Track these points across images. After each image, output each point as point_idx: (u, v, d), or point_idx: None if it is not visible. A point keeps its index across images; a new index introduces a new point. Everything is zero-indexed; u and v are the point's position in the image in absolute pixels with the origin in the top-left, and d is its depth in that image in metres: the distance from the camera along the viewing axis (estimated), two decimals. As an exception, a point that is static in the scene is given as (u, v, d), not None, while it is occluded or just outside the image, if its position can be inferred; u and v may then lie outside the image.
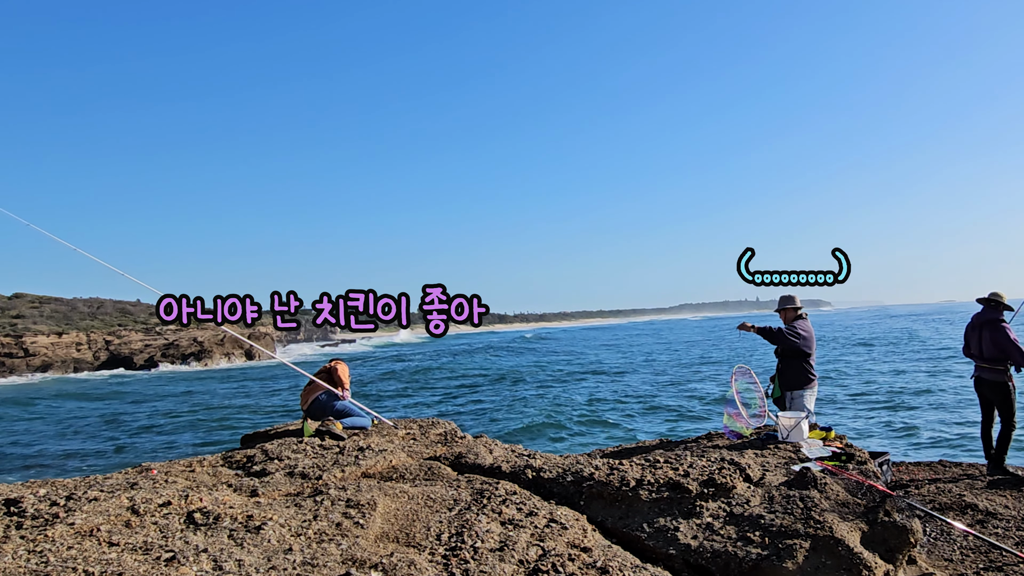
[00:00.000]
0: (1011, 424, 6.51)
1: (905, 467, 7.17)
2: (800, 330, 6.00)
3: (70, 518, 3.43)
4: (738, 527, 3.77)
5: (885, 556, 3.58)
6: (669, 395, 23.23)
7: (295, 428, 6.68)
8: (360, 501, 3.92)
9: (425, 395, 29.08)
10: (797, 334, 5.97)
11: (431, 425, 6.65)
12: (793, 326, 6.04)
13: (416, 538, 3.53)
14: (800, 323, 6.09)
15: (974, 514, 5.47)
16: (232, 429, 21.51)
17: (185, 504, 3.71)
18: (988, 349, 6.58)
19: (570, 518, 3.83)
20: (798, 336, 5.96)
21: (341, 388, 6.39)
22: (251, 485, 4.46)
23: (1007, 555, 4.59)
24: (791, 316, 6.19)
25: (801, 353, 6.03)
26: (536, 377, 33.71)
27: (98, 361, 54.76)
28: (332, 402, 6.28)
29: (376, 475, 4.80)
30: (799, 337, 5.96)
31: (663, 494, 4.11)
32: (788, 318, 6.20)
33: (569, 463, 4.79)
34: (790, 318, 6.18)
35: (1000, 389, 6.52)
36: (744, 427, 5.90)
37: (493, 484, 4.33)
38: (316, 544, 3.34)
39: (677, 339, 71.33)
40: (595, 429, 17.44)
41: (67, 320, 57.54)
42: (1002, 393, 6.52)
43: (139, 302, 65.48)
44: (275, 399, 29.93)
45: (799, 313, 6.21)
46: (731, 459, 4.56)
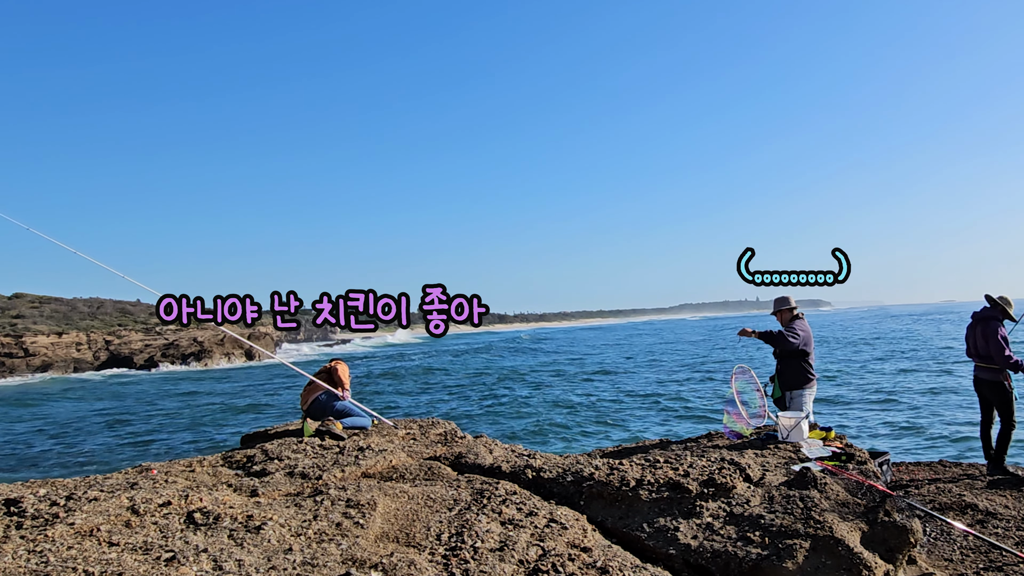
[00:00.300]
0: (1010, 424, 6.51)
1: (905, 467, 7.17)
2: (799, 330, 6.06)
3: (70, 518, 3.43)
4: (738, 527, 3.77)
5: (885, 556, 3.58)
6: (669, 395, 23.23)
7: (295, 428, 6.68)
8: (360, 501, 3.92)
9: (425, 395, 29.09)
10: (796, 334, 6.01)
11: (431, 425, 6.65)
12: (792, 327, 6.09)
13: (416, 538, 3.53)
14: (798, 323, 6.14)
15: (974, 514, 5.47)
16: (232, 429, 21.51)
17: (185, 504, 3.71)
18: (982, 347, 6.57)
19: (570, 518, 3.83)
20: (796, 336, 6.01)
21: (341, 388, 6.40)
22: (251, 485, 4.46)
23: (1007, 555, 4.59)
24: (788, 317, 6.25)
25: (800, 353, 6.07)
26: (537, 377, 33.72)
27: (98, 361, 54.75)
28: (332, 402, 6.28)
29: (376, 475, 4.80)
30: (797, 337, 6.01)
31: (663, 494, 4.11)
32: (785, 319, 6.26)
33: (569, 463, 4.79)
34: (787, 319, 6.24)
35: (997, 389, 6.52)
36: (744, 427, 5.90)
37: (493, 484, 4.33)
38: (316, 544, 3.34)
39: (677, 339, 71.34)
40: (595, 429, 17.43)
41: (67, 320, 57.53)
42: (999, 393, 6.51)
43: (139, 302, 65.49)
44: (275, 399, 29.92)
45: (795, 313, 6.26)
46: (731, 459, 4.56)
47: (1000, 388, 6.49)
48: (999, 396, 6.51)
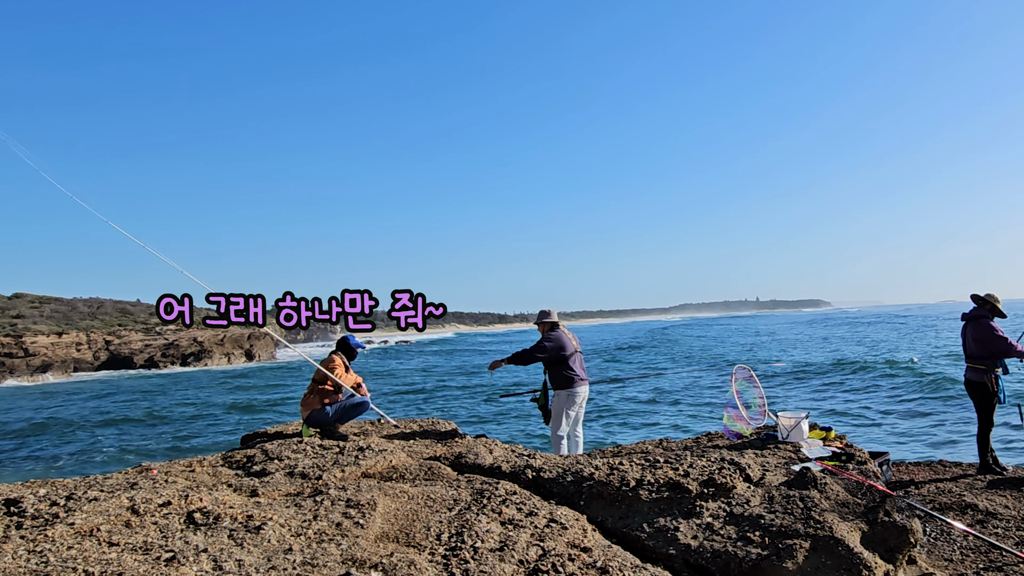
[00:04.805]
0: (985, 425, 6.55)
1: (905, 467, 7.17)
2: (548, 341, 6.59)
3: (70, 518, 3.43)
4: (738, 527, 3.77)
5: (885, 556, 3.58)
6: (669, 395, 23.23)
7: (295, 428, 6.68)
8: (360, 501, 3.92)
9: (425, 395, 29.10)
10: (543, 347, 6.57)
11: (431, 425, 6.65)
12: (548, 336, 6.63)
13: (416, 538, 3.53)
14: (552, 334, 6.66)
15: (974, 514, 5.46)
16: (232, 429, 21.52)
17: (185, 504, 3.71)
18: (971, 346, 6.57)
19: (570, 518, 3.83)
20: (543, 349, 6.56)
21: (339, 388, 6.37)
22: (251, 485, 4.46)
23: (1007, 555, 4.59)
24: (546, 328, 6.74)
25: (559, 359, 6.58)
26: (538, 378, 33.68)
27: (98, 361, 54.75)
28: (327, 410, 6.25)
29: (376, 475, 4.80)
30: (544, 350, 6.56)
31: (663, 494, 4.11)
32: (544, 331, 6.76)
33: (569, 463, 4.79)
34: (546, 330, 6.74)
35: (979, 389, 6.51)
36: (744, 427, 5.90)
37: (493, 484, 4.33)
38: (316, 544, 3.34)
39: (677, 339, 71.35)
40: (595, 429, 17.43)
41: (67, 320, 57.54)
42: (980, 393, 6.51)
43: (139, 302, 65.54)
44: (275, 399, 29.94)
45: (553, 325, 6.75)
46: (731, 459, 4.56)
47: (983, 389, 6.49)
48: (979, 396, 6.53)
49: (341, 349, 6.62)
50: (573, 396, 6.63)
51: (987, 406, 6.50)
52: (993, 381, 6.44)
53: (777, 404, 18.49)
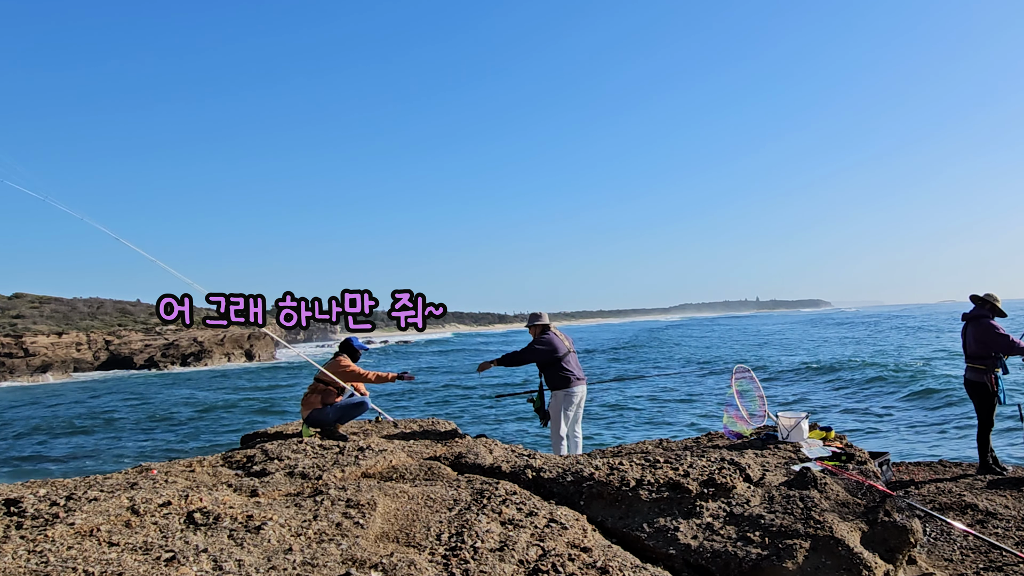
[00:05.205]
0: (985, 425, 6.54)
1: (905, 467, 7.17)
2: (540, 344, 6.62)
3: (70, 518, 3.43)
4: (738, 527, 3.77)
5: (885, 556, 3.58)
6: (669, 395, 23.23)
7: (295, 428, 6.68)
8: (360, 501, 3.92)
9: (425, 395, 29.09)
10: (534, 349, 6.60)
11: (431, 425, 6.65)
12: (539, 339, 6.66)
13: (416, 538, 3.53)
14: (544, 336, 6.69)
15: (974, 514, 5.46)
16: (232, 429, 21.52)
17: (185, 504, 3.71)
18: (972, 346, 6.56)
19: (570, 518, 3.83)
20: (534, 352, 6.59)
21: (341, 389, 6.37)
22: (251, 485, 4.46)
23: (1007, 555, 4.58)
24: (538, 331, 6.78)
25: (553, 361, 6.61)
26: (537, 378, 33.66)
27: (98, 361, 54.75)
28: (328, 411, 6.25)
29: (376, 475, 4.80)
30: (535, 352, 6.59)
31: (663, 494, 4.11)
32: (535, 333, 6.79)
33: (569, 463, 4.79)
34: (537, 333, 6.77)
35: (979, 390, 6.51)
36: (744, 427, 5.90)
37: (493, 484, 4.33)
38: (316, 544, 3.34)
39: (677, 339, 71.35)
40: (596, 429, 17.43)
41: (67, 320, 57.53)
42: (979, 394, 6.51)
43: (139, 302, 65.53)
44: (275, 399, 29.93)
45: (544, 327, 6.78)
46: (731, 459, 4.56)
47: (981, 389, 6.48)
48: (979, 397, 6.52)
49: (345, 351, 6.62)
50: (571, 396, 6.64)
51: (987, 406, 6.50)
52: (993, 381, 6.43)
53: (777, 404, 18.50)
